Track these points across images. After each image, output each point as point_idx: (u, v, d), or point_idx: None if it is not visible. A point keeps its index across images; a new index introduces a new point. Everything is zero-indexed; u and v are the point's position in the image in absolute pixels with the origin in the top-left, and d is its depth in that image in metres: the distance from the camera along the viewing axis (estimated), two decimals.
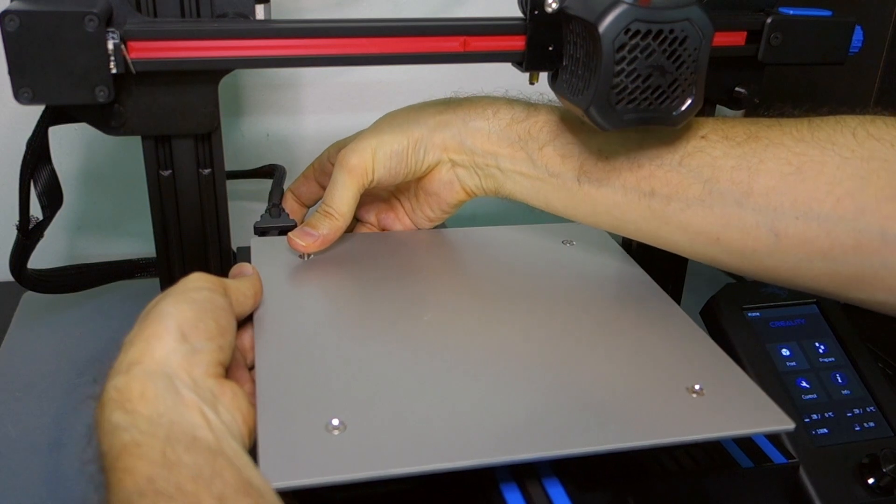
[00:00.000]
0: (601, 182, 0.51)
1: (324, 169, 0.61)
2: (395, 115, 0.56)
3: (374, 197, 0.61)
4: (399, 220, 0.61)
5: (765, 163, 0.47)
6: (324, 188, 0.57)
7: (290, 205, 0.63)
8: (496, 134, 0.54)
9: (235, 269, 0.50)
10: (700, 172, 0.48)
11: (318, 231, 0.54)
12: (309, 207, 0.64)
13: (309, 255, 0.55)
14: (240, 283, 0.46)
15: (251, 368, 0.46)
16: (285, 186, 0.65)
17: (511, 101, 0.55)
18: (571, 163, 0.52)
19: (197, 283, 0.42)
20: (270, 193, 0.63)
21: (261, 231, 0.59)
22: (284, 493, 0.35)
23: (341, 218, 0.54)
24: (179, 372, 0.37)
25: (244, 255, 0.56)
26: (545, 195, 0.54)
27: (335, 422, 0.38)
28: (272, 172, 0.68)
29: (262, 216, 0.60)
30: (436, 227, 0.61)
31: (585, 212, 0.53)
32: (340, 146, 0.58)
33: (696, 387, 0.43)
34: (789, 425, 0.41)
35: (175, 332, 0.38)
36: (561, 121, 0.53)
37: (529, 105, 0.55)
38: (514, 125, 0.54)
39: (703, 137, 0.49)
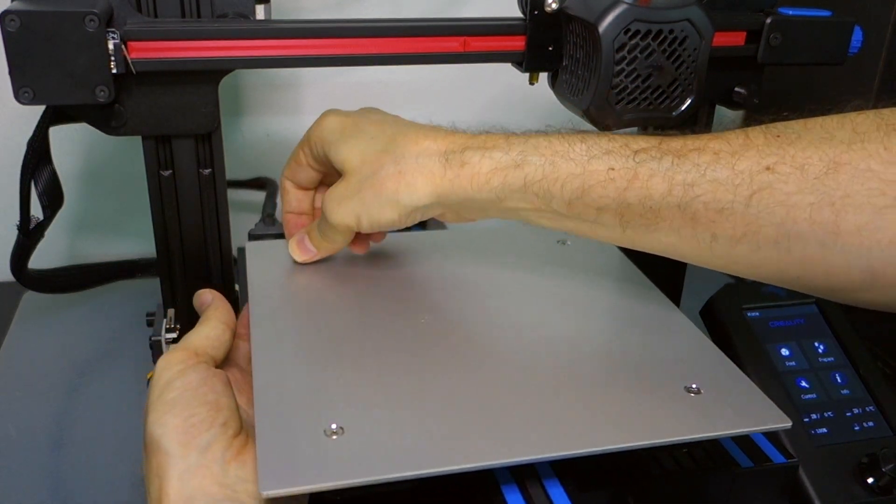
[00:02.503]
0: (649, 227, 0.44)
1: (318, 158, 0.53)
2: (381, 174, 0.47)
3: None
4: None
5: (852, 197, 0.39)
6: (320, 172, 0.54)
7: (294, 192, 0.56)
8: (510, 198, 0.46)
9: (195, 300, 0.50)
10: (772, 213, 0.40)
11: (316, 249, 0.53)
12: (310, 189, 0.57)
13: None
14: (203, 330, 0.45)
15: None
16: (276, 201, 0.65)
17: (520, 161, 0.45)
18: (609, 214, 0.44)
19: (165, 377, 0.40)
20: (264, 205, 0.63)
21: (255, 238, 0.59)
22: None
23: (339, 246, 0.53)
24: (203, 485, 0.36)
25: (245, 255, 0.56)
26: (582, 233, 0.47)
27: (333, 426, 0.38)
28: (264, 185, 0.68)
29: (256, 224, 0.60)
30: (435, 228, 0.61)
31: (632, 246, 0.47)
32: (326, 138, 0.51)
33: (694, 386, 0.43)
34: (786, 423, 0.41)
35: (176, 451, 0.37)
36: (585, 174, 0.44)
37: (541, 155, 0.45)
38: (530, 186, 0.45)
39: (768, 169, 0.41)
